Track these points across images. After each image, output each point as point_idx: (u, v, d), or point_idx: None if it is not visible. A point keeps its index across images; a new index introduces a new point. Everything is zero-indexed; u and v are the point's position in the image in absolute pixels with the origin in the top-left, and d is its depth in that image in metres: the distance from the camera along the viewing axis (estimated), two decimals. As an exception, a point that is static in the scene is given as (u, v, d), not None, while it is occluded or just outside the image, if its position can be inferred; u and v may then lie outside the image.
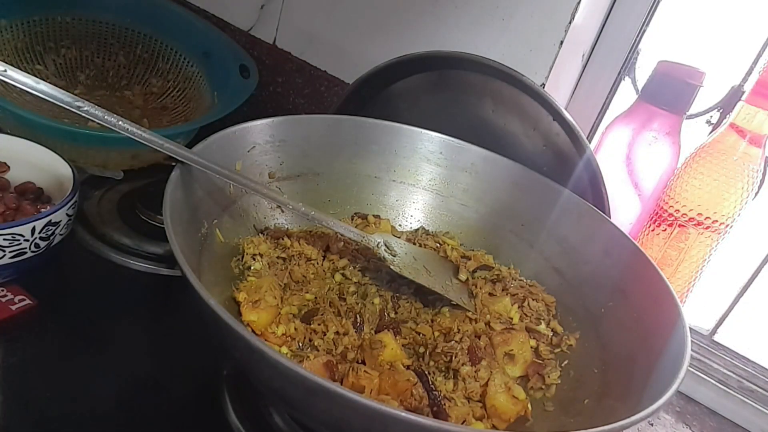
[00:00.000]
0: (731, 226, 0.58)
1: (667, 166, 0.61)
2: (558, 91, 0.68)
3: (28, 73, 0.38)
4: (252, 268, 0.48)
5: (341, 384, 0.40)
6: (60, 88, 0.39)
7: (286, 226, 0.55)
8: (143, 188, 0.64)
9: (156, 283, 0.54)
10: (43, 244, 0.46)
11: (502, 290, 0.53)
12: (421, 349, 0.46)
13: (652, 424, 0.60)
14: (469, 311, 0.50)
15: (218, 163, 0.44)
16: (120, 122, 0.40)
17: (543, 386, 0.46)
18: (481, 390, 0.43)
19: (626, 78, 0.68)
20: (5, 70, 0.35)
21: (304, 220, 0.53)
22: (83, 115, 0.39)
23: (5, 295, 0.46)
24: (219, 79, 0.75)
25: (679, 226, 0.59)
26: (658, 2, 0.64)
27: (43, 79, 0.38)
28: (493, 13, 0.65)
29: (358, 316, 0.47)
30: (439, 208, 0.61)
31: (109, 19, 0.78)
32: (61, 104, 0.39)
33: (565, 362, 0.48)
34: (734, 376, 0.64)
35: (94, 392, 0.42)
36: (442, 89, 0.63)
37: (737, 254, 0.71)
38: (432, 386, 0.41)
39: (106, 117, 0.40)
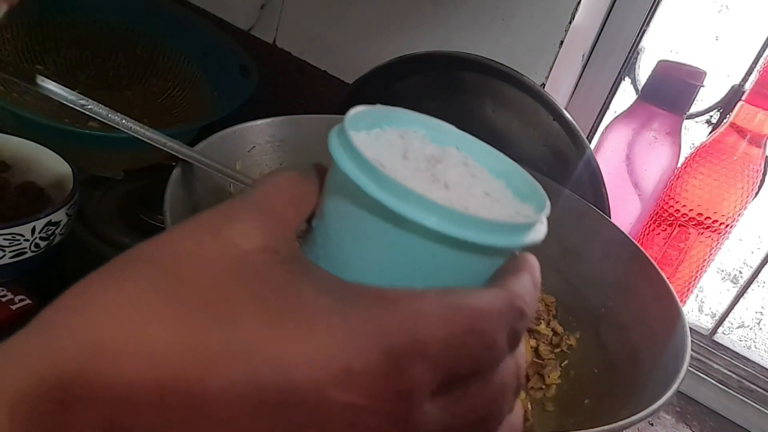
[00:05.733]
0: (731, 226, 0.58)
1: (667, 166, 0.61)
2: (558, 91, 0.68)
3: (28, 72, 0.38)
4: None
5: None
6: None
7: (286, 226, 0.55)
8: (143, 188, 0.64)
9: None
10: (43, 244, 0.46)
11: (502, 290, 0.53)
12: (421, 349, 0.46)
13: (652, 424, 0.60)
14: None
15: (219, 162, 0.44)
16: (124, 120, 0.40)
17: (543, 386, 0.46)
18: (481, 390, 0.43)
19: (626, 78, 0.68)
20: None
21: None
22: (87, 113, 0.39)
23: (5, 295, 0.46)
24: (219, 79, 0.75)
25: (679, 226, 0.59)
26: (659, 2, 0.64)
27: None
28: (493, 13, 0.65)
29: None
30: (439, 208, 0.61)
31: (109, 19, 0.78)
32: (65, 102, 0.39)
33: (565, 362, 0.48)
34: (734, 376, 0.64)
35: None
36: (442, 89, 0.63)
37: (737, 254, 0.71)
38: (432, 386, 0.41)
39: (110, 115, 0.40)
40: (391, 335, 0.14)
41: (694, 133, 0.66)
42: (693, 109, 0.61)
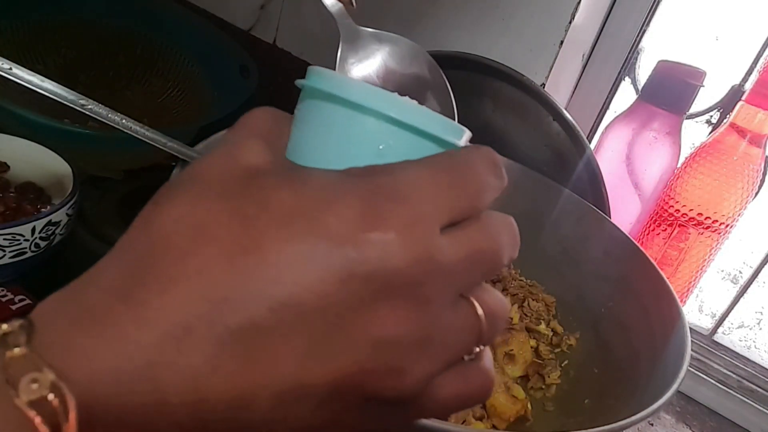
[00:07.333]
0: (731, 226, 0.58)
1: (667, 166, 0.61)
2: (558, 91, 0.68)
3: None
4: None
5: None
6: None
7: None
8: (143, 188, 0.64)
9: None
10: (43, 244, 0.46)
11: (502, 290, 0.53)
12: (421, 349, 0.46)
13: (652, 424, 0.60)
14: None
15: (218, 163, 0.44)
16: (124, 120, 0.40)
17: (543, 386, 0.46)
18: (481, 390, 0.43)
19: (626, 78, 0.68)
20: (10, 68, 0.35)
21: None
22: (87, 113, 0.39)
23: (5, 295, 0.46)
24: (219, 79, 0.75)
25: (679, 226, 0.59)
26: (659, 2, 0.64)
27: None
28: (493, 13, 0.65)
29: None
30: (439, 208, 0.61)
31: (109, 19, 0.78)
32: (65, 102, 0.39)
33: (565, 362, 0.48)
34: (734, 376, 0.64)
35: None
36: (442, 89, 0.63)
37: (737, 254, 0.71)
38: (432, 386, 0.41)
39: (110, 115, 0.40)
40: (394, 191, 0.18)
41: (694, 133, 0.66)
42: (693, 109, 0.61)
